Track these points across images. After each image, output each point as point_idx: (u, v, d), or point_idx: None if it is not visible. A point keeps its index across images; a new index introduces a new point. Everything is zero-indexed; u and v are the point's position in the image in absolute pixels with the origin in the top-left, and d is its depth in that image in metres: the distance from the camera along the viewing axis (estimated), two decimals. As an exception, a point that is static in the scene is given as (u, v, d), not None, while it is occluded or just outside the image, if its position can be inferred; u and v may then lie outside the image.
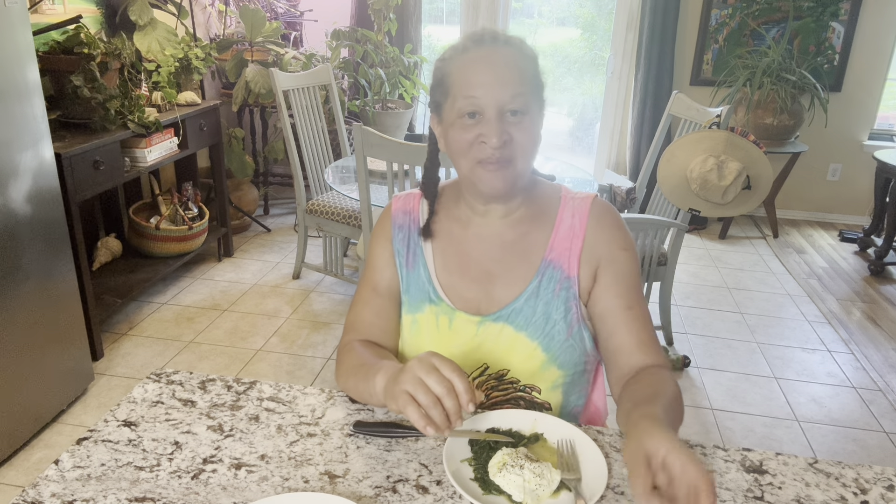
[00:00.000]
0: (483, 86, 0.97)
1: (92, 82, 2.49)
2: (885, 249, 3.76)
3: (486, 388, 1.10)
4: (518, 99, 0.98)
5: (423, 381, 0.83)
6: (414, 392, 0.83)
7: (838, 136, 4.42)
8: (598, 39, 4.93)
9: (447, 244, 1.12)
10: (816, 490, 0.88)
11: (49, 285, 2.14)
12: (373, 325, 1.13)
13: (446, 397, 0.82)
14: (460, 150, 1.01)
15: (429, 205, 1.14)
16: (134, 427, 0.95)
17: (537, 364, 1.07)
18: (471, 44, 1.01)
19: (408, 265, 1.13)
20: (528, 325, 1.06)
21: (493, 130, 0.97)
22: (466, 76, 0.99)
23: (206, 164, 3.70)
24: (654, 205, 2.86)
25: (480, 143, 0.99)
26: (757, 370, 2.76)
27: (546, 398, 1.10)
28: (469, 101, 0.98)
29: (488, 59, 0.99)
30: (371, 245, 1.18)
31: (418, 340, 1.12)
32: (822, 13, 4.17)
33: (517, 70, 0.99)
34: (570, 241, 1.07)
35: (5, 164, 1.93)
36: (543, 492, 0.83)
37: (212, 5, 4.09)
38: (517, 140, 0.99)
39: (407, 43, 4.16)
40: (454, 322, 1.09)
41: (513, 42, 1.01)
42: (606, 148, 4.62)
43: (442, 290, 1.10)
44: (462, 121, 1.00)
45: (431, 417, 0.82)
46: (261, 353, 2.73)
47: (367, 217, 2.48)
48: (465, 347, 1.09)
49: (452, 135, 1.02)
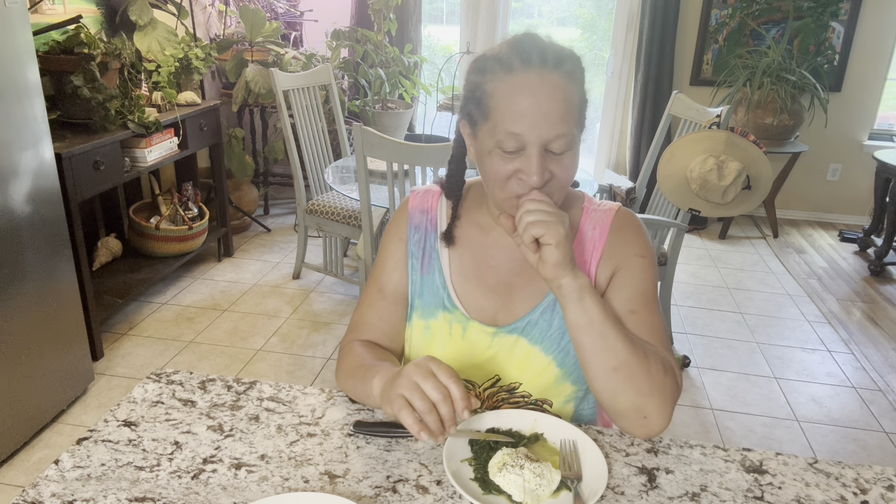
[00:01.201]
0: (528, 119, 0.89)
1: (92, 82, 2.49)
2: (885, 249, 3.76)
3: (497, 400, 1.08)
4: (563, 139, 0.91)
5: (419, 386, 0.82)
6: (410, 397, 0.82)
7: (838, 136, 4.42)
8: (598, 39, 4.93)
9: (465, 250, 1.08)
10: (816, 490, 0.88)
11: (49, 285, 2.14)
12: (374, 327, 1.12)
13: (442, 403, 0.81)
14: (496, 181, 0.95)
15: (452, 208, 1.10)
16: (134, 427, 0.95)
17: (551, 379, 1.05)
18: (518, 63, 0.91)
19: (422, 269, 1.09)
20: (543, 339, 1.04)
21: (534, 168, 0.91)
22: (510, 106, 0.90)
23: (206, 164, 3.70)
24: (654, 205, 2.86)
25: (518, 180, 0.93)
26: (757, 370, 2.76)
27: (558, 412, 1.08)
28: (512, 138, 0.91)
29: (536, 90, 0.90)
30: (384, 242, 1.14)
31: (430, 347, 1.09)
32: (822, 13, 4.17)
33: (566, 104, 0.91)
34: (589, 255, 1.04)
35: (5, 164, 1.93)
36: (543, 492, 0.83)
37: (212, 5, 4.09)
38: (558, 177, 0.94)
39: (407, 43, 4.16)
40: (468, 331, 1.06)
41: (563, 63, 0.92)
42: (606, 148, 4.62)
43: (457, 298, 1.07)
44: (501, 152, 0.93)
45: (426, 423, 0.81)
46: (261, 353, 2.73)
47: (367, 217, 2.48)
48: (478, 359, 1.06)
49: (489, 164, 0.95)
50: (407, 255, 1.11)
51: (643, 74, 4.26)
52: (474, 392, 1.09)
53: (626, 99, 4.47)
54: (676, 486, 0.88)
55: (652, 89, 4.27)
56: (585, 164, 4.71)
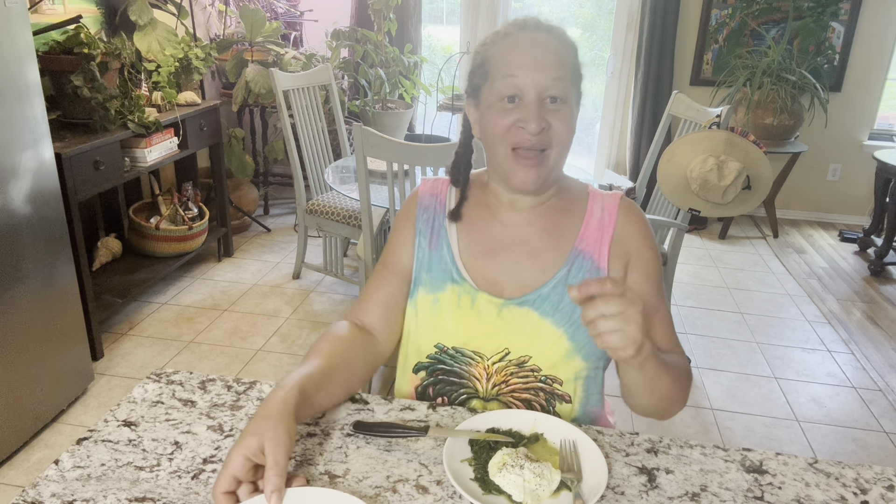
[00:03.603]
0: (524, 67, 0.97)
1: (92, 82, 2.49)
2: (885, 249, 3.76)
3: (506, 374, 1.08)
4: (558, 84, 0.97)
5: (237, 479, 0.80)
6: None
7: (838, 136, 4.42)
8: (598, 39, 4.93)
9: (472, 227, 1.11)
10: (816, 490, 0.88)
11: (49, 285, 2.14)
12: (372, 297, 1.13)
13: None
14: (496, 134, 1.00)
15: (460, 190, 1.13)
16: (134, 427, 0.95)
17: (562, 352, 1.05)
18: (514, 29, 1.01)
19: (430, 245, 1.11)
20: (554, 312, 1.05)
21: (531, 115, 0.97)
22: (507, 58, 0.99)
23: (206, 164, 3.70)
24: (654, 205, 2.86)
25: (518, 129, 0.98)
26: (757, 370, 2.76)
27: (566, 390, 1.08)
28: (509, 82, 0.98)
29: (530, 43, 0.99)
30: (394, 226, 1.17)
31: (439, 320, 1.09)
32: (822, 13, 4.17)
33: (558, 56, 0.99)
34: (601, 233, 1.07)
35: (5, 165, 1.93)
36: (543, 492, 0.83)
37: (212, 5, 4.09)
38: (555, 128, 0.98)
39: (407, 43, 4.16)
40: (476, 302, 1.07)
41: (555, 30, 1.01)
42: (606, 148, 4.62)
43: (465, 271, 1.09)
44: (501, 104, 0.99)
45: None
46: (261, 353, 2.73)
47: (367, 217, 2.48)
48: (487, 329, 1.07)
49: (489, 118, 1.01)
50: (415, 233, 1.13)
51: (643, 74, 4.27)
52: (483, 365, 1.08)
53: (626, 99, 4.47)
54: (676, 486, 0.88)
55: (652, 89, 4.27)
56: (585, 163, 4.72)
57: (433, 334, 1.10)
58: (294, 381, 0.89)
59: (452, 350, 1.09)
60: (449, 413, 1.01)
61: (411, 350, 1.14)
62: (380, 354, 1.11)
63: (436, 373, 1.11)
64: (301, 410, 0.87)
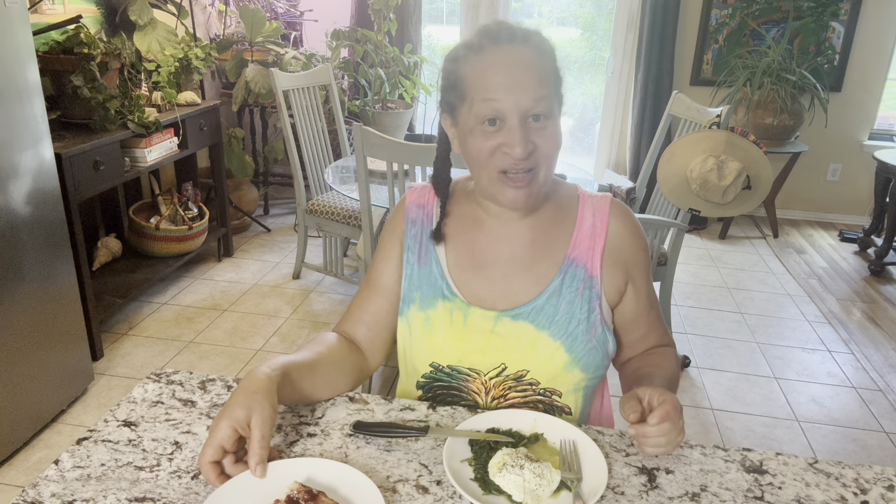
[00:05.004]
0: (503, 89, 0.92)
1: (92, 82, 2.49)
2: (885, 249, 3.76)
3: (504, 389, 1.06)
4: (541, 103, 0.93)
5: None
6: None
7: (838, 136, 4.42)
8: (598, 39, 4.93)
9: (460, 242, 1.08)
10: (816, 490, 0.88)
11: (49, 285, 2.14)
12: (354, 316, 1.13)
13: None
14: (480, 159, 0.96)
15: (440, 206, 1.09)
16: (134, 427, 0.95)
17: (560, 365, 1.03)
18: (487, 42, 0.94)
19: (419, 261, 1.09)
20: (550, 324, 1.03)
21: (516, 139, 0.92)
22: (484, 79, 0.93)
23: (206, 164, 3.70)
24: (654, 205, 2.86)
25: (503, 154, 0.94)
26: (757, 370, 2.76)
27: (566, 402, 1.07)
28: (489, 105, 0.93)
29: (507, 60, 0.93)
30: (380, 238, 1.15)
31: (432, 338, 1.07)
32: (822, 13, 4.17)
33: (537, 71, 0.93)
34: (593, 240, 1.05)
35: (5, 165, 1.93)
36: (543, 492, 0.83)
37: (212, 5, 4.09)
38: (541, 148, 0.95)
39: (407, 43, 4.16)
40: (469, 318, 1.05)
41: (531, 38, 0.95)
42: (606, 148, 4.62)
43: (455, 287, 1.06)
44: (482, 128, 0.94)
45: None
46: (261, 353, 2.73)
47: (367, 217, 2.48)
48: (482, 344, 1.05)
49: (472, 142, 0.96)
50: (402, 249, 1.11)
51: (643, 74, 4.27)
52: (481, 379, 1.08)
53: (626, 99, 4.47)
54: (676, 486, 0.88)
55: (652, 89, 4.27)
56: (585, 164, 4.72)
57: (427, 353, 1.08)
58: (281, 362, 0.93)
59: (448, 368, 1.07)
60: (449, 413, 1.01)
61: (409, 368, 1.13)
62: (365, 369, 1.11)
63: (434, 389, 1.11)
64: (282, 392, 0.90)
